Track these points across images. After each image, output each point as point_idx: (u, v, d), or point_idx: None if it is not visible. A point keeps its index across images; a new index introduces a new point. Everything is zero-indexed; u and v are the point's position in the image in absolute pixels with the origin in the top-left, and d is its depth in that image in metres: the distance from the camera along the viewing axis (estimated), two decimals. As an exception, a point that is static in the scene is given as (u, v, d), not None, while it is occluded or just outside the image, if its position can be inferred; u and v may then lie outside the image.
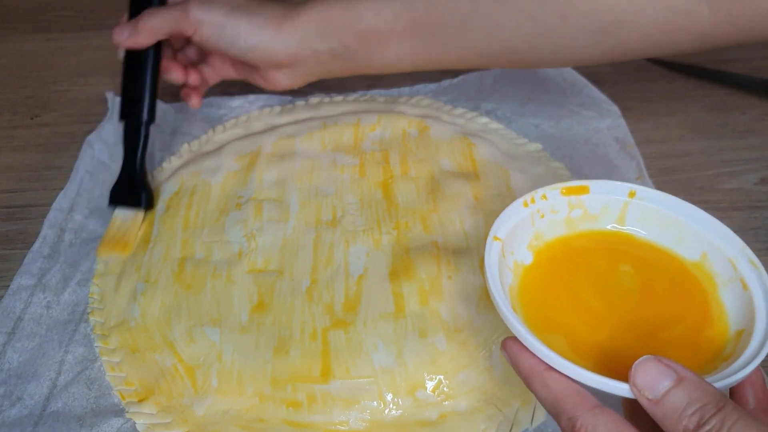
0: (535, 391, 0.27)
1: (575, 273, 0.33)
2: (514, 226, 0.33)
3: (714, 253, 0.32)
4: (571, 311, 0.31)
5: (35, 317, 0.42)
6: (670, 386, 0.24)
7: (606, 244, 0.34)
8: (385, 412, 0.37)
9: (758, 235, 0.47)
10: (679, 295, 0.31)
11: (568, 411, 0.26)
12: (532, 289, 0.32)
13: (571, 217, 0.34)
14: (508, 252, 0.32)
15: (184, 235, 0.46)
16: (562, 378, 0.26)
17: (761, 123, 0.57)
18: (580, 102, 0.58)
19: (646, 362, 0.25)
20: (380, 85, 0.62)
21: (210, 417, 0.37)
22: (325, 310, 0.40)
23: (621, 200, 0.34)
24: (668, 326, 0.30)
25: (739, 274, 0.31)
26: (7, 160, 0.55)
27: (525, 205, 0.34)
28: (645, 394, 0.24)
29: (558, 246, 0.34)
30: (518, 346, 0.28)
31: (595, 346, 0.29)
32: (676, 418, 0.23)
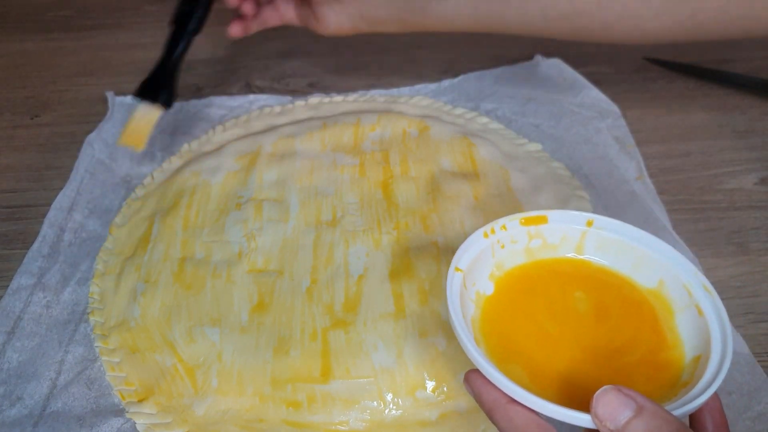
0: (497, 424, 0.27)
1: (534, 301, 0.33)
2: (475, 257, 0.33)
3: (670, 280, 0.32)
4: (530, 340, 0.31)
5: (35, 317, 0.42)
6: (630, 416, 0.24)
7: (564, 273, 0.34)
8: (385, 412, 0.37)
9: (758, 235, 0.47)
10: (635, 321, 0.32)
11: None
12: (494, 319, 0.32)
13: (530, 246, 0.35)
14: (469, 283, 0.32)
15: (184, 235, 0.46)
16: (524, 411, 0.27)
17: (761, 123, 0.57)
18: (580, 102, 0.58)
19: (607, 393, 0.25)
20: (380, 85, 0.62)
21: (210, 417, 0.37)
22: (325, 310, 0.40)
23: (579, 229, 0.35)
24: (626, 351, 0.31)
25: (694, 300, 0.31)
26: (7, 160, 0.55)
27: (485, 236, 0.34)
28: (607, 425, 0.24)
29: (518, 275, 0.34)
30: (481, 380, 0.28)
31: (554, 374, 0.29)
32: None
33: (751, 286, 0.44)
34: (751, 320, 0.42)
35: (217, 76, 0.65)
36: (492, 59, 0.65)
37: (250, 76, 0.65)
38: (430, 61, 0.66)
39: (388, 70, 0.65)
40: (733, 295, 0.43)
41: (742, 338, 0.40)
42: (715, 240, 0.47)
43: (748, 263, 0.45)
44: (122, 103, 0.59)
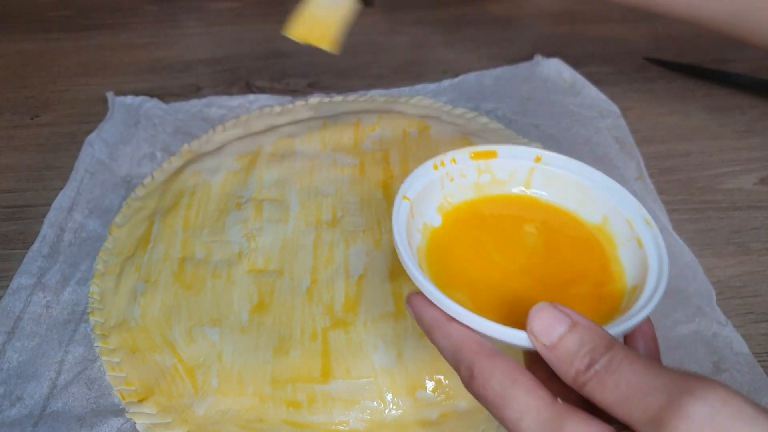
0: (436, 342, 0.28)
1: (481, 234, 0.33)
2: (423, 187, 0.33)
3: (614, 215, 0.33)
4: (476, 269, 0.32)
5: (35, 317, 0.42)
6: (564, 331, 0.24)
7: (512, 207, 0.35)
8: (385, 412, 0.37)
9: (758, 235, 0.47)
10: (581, 255, 0.32)
11: (465, 359, 0.26)
12: (439, 249, 0.32)
13: (479, 181, 0.35)
14: (417, 213, 0.33)
15: (184, 235, 0.46)
16: (462, 328, 0.27)
17: (761, 123, 0.57)
18: (580, 102, 0.58)
19: (542, 309, 0.25)
20: (380, 85, 0.62)
21: (210, 417, 0.37)
22: (325, 310, 0.40)
23: (527, 165, 0.35)
24: (571, 282, 0.31)
25: (636, 233, 0.32)
26: (7, 160, 0.55)
27: (435, 168, 0.34)
28: (541, 340, 0.25)
29: (466, 209, 0.35)
30: (422, 299, 0.28)
31: (498, 301, 0.30)
32: (569, 360, 0.24)
33: (751, 286, 0.44)
34: (751, 320, 0.42)
35: (217, 76, 0.65)
36: (492, 59, 0.65)
37: (250, 76, 0.65)
38: (430, 61, 0.66)
39: (388, 70, 0.65)
40: (733, 295, 0.43)
41: (742, 338, 0.40)
42: (715, 240, 0.47)
43: (748, 263, 0.45)
44: (122, 103, 0.59)
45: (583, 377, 0.23)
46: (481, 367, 0.25)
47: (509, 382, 0.24)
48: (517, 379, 0.24)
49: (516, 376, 0.25)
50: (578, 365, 0.24)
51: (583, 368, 0.24)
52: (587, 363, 0.23)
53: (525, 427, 0.24)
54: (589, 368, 0.23)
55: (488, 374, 0.25)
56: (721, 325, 0.40)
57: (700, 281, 0.43)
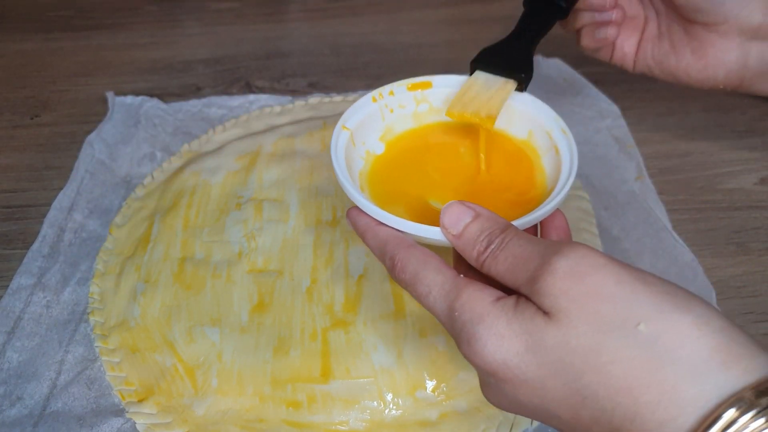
0: (368, 243, 0.32)
1: (421, 157, 0.37)
2: (363, 118, 0.36)
3: (537, 130, 0.37)
4: (414, 187, 0.35)
5: (35, 317, 0.42)
6: (468, 221, 0.28)
7: (449, 131, 0.38)
8: (385, 412, 0.37)
9: (758, 235, 0.47)
10: (510, 167, 0.36)
11: (389, 251, 0.30)
12: (381, 173, 0.36)
13: (418, 111, 0.38)
14: (359, 142, 0.36)
15: (184, 235, 0.46)
16: (389, 230, 0.31)
17: (761, 123, 0.57)
18: (580, 102, 0.58)
19: (452, 205, 0.29)
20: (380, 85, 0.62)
21: (210, 417, 0.37)
22: (325, 310, 0.40)
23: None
24: (499, 191, 0.35)
25: (554, 142, 0.35)
26: (7, 160, 0.55)
27: (374, 100, 0.37)
28: (450, 231, 0.29)
29: (407, 137, 0.38)
30: (357, 210, 0.32)
31: (429, 211, 0.33)
32: (472, 244, 0.28)
33: (751, 286, 0.44)
34: (751, 320, 0.42)
35: (217, 76, 0.65)
36: (492, 59, 0.64)
37: (250, 76, 0.65)
38: (430, 61, 0.66)
39: (388, 70, 0.65)
40: (733, 295, 0.43)
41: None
42: (715, 240, 0.47)
43: (748, 263, 0.45)
44: (122, 103, 0.59)
45: (482, 257, 0.27)
46: (400, 256, 0.29)
47: (421, 264, 0.29)
48: (428, 262, 0.29)
49: (427, 260, 0.29)
50: (479, 247, 0.28)
51: (482, 249, 0.27)
52: (485, 244, 0.27)
53: (432, 299, 0.28)
54: (486, 248, 0.27)
55: (405, 260, 0.29)
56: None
57: (700, 281, 0.43)
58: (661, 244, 0.45)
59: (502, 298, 0.26)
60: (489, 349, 0.25)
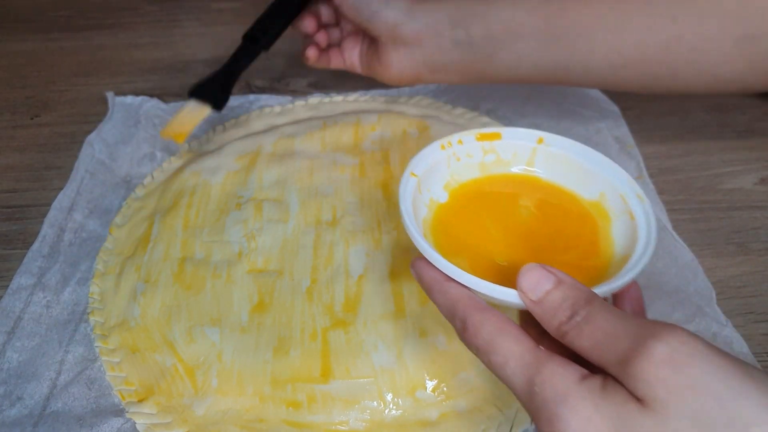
0: (434, 300, 0.30)
1: (483, 208, 0.36)
2: (430, 166, 0.36)
3: (610, 192, 0.35)
4: (475, 239, 0.34)
5: (35, 317, 0.42)
6: (550, 288, 0.27)
7: (514, 185, 0.37)
8: (385, 412, 0.37)
9: (758, 235, 0.47)
10: (574, 229, 0.35)
11: (460, 313, 0.28)
12: (444, 222, 0.35)
13: (484, 161, 0.37)
14: (424, 189, 0.35)
15: (184, 235, 0.46)
16: (458, 287, 0.29)
17: (761, 123, 0.57)
18: (580, 102, 0.58)
19: (531, 269, 0.28)
20: (380, 85, 0.62)
21: (210, 417, 0.37)
22: (325, 310, 0.40)
23: (530, 146, 0.37)
24: (558, 252, 0.33)
25: (628, 207, 0.34)
26: (7, 160, 0.55)
27: (442, 148, 0.36)
28: (529, 296, 0.27)
29: (471, 187, 0.37)
30: (423, 262, 0.30)
31: (493, 267, 0.32)
32: (553, 313, 0.26)
33: (751, 286, 0.44)
34: (751, 320, 0.42)
35: (217, 76, 0.65)
36: (492, 59, 0.64)
37: (250, 76, 0.65)
38: (430, 61, 0.66)
39: (388, 70, 0.65)
40: (733, 295, 0.43)
41: (742, 338, 0.40)
42: (715, 240, 0.47)
43: (748, 263, 0.45)
44: (122, 103, 0.59)
45: (564, 327, 0.26)
46: (473, 319, 0.28)
47: (497, 332, 0.27)
48: (504, 329, 0.27)
49: (503, 326, 0.27)
50: (560, 316, 0.26)
51: (564, 319, 0.26)
52: (568, 315, 0.26)
53: (510, 371, 0.26)
54: (570, 319, 0.26)
55: (479, 324, 0.27)
56: (721, 325, 0.40)
57: (700, 281, 0.43)
58: (661, 243, 0.45)
59: (588, 377, 0.25)
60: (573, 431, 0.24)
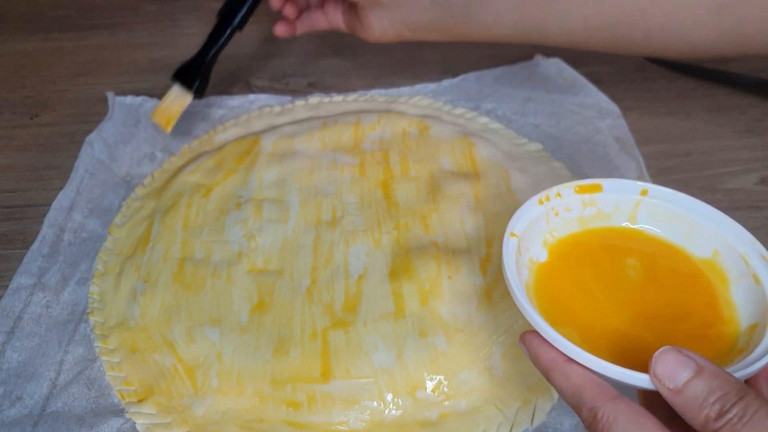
0: (555, 383, 0.28)
1: (586, 269, 0.33)
2: (529, 223, 0.33)
3: (725, 250, 0.32)
4: (583, 306, 0.31)
5: (35, 317, 0.42)
6: (690, 376, 0.24)
7: (617, 241, 0.34)
8: (385, 412, 0.37)
9: (758, 235, 0.47)
10: (687, 291, 0.32)
11: (588, 401, 0.26)
12: (546, 285, 0.32)
13: (584, 215, 0.35)
14: (524, 249, 0.32)
15: (184, 235, 0.46)
16: (582, 370, 0.27)
17: (761, 123, 0.57)
18: (580, 102, 0.58)
19: (667, 353, 0.25)
20: (380, 85, 0.62)
21: (210, 417, 0.37)
22: (325, 310, 0.40)
23: (633, 198, 0.35)
24: (677, 320, 0.30)
25: (752, 269, 0.31)
26: (7, 160, 0.55)
27: (540, 203, 0.34)
28: (666, 384, 0.25)
29: (571, 243, 0.34)
30: (538, 339, 0.28)
31: (606, 338, 0.30)
32: (698, 406, 0.24)
33: (751, 286, 0.44)
34: (751, 320, 0.42)
35: (217, 76, 0.64)
36: (492, 59, 0.64)
37: (250, 76, 0.65)
38: (430, 61, 0.66)
39: (388, 70, 0.65)
40: (733, 295, 0.43)
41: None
42: (715, 240, 0.47)
43: (748, 263, 0.45)
44: (122, 103, 0.59)
45: (714, 425, 0.23)
46: (605, 411, 0.25)
47: (634, 427, 0.24)
48: (643, 423, 0.24)
49: (641, 420, 0.24)
50: (708, 412, 0.23)
51: (713, 416, 0.23)
52: (717, 411, 0.23)
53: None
54: (720, 416, 0.23)
55: (612, 417, 0.25)
56: (721, 325, 0.40)
57: (700, 281, 0.43)
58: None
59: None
60: None
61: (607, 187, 0.35)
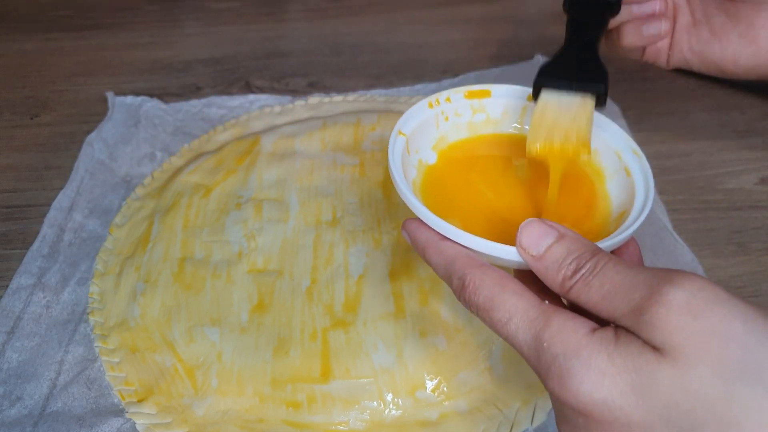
0: (429, 260, 0.29)
1: (474, 170, 0.35)
2: (418, 124, 0.34)
3: (603, 148, 0.34)
4: (468, 201, 0.33)
5: (35, 317, 0.42)
6: (551, 242, 0.26)
7: (504, 146, 0.36)
8: (385, 412, 0.37)
9: (758, 235, 0.47)
10: (567, 189, 0.33)
11: (458, 271, 0.27)
12: (433, 184, 0.33)
13: (473, 121, 0.36)
14: (412, 149, 0.34)
15: (184, 235, 0.46)
16: (455, 246, 0.28)
17: (761, 123, 0.57)
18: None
19: (531, 223, 0.26)
20: (380, 85, 0.62)
21: (210, 417, 0.37)
22: (325, 310, 0.40)
23: (520, 104, 0.36)
24: (558, 212, 0.32)
25: (624, 163, 0.33)
26: (7, 160, 0.55)
27: (430, 106, 0.35)
28: (530, 252, 0.26)
29: (460, 148, 0.36)
30: (417, 222, 0.29)
31: (487, 228, 0.31)
32: (557, 268, 0.25)
33: (751, 286, 0.44)
34: (751, 320, 0.42)
35: (217, 76, 0.65)
36: (492, 59, 0.65)
37: (250, 76, 0.65)
38: (430, 61, 0.66)
39: (388, 70, 0.65)
40: (733, 295, 0.43)
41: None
42: (715, 240, 0.47)
43: (749, 263, 0.45)
44: (122, 103, 0.59)
45: (569, 282, 0.25)
46: (472, 276, 0.26)
47: (498, 288, 0.26)
48: (506, 285, 0.26)
49: (505, 282, 0.26)
50: (565, 272, 0.25)
51: (569, 274, 0.25)
52: (573, 269, 0.25)
53: (514, 327, 0.25)
54: (575, 273, 0.25)
55: (479, 282, 0.26)
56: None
57: (700, 281, 0.43)
58: (661, 243, 0.45)
59: (599, 329, 0.23)
60: (586, 386, 0.22)
61: (495, 92, 0.36)
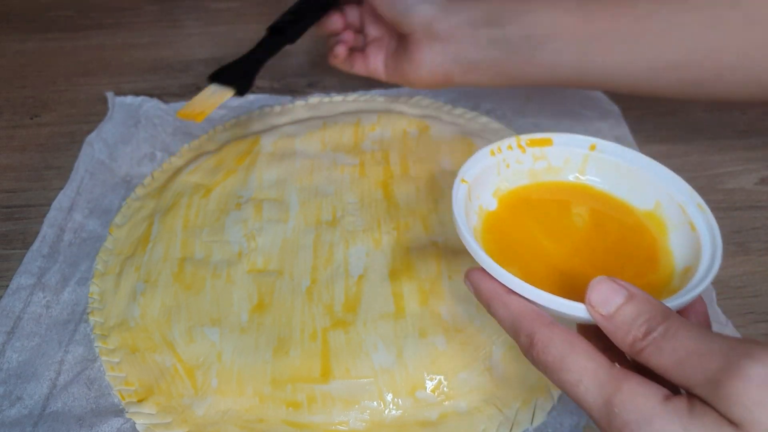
0: (495, 313, 0.29)
1: (534, 218, 0.35)
2: (480, 172, 0.35)
3: (666, 201, 0.34)
4: (527, 251, 0.33)
5: (35, 317, 0.42)
6: (621, 302, 0.26)
7: (565, 194, 0.36)
8: (385, 412, 0.37)
9: (758, 235, 0.47)
10: (629, 240, 0.34)
11: (525, 328, 0.27)
12: (494, 231, 0.34)
13: (534, 168, 0.36)
14: (474, 196, 0.34)
15: (184, 235, 0.46)
16: (521, 300, 0.28)
17: (761, 123, 0.57)
18: (580, 102, 0.58)
19: (601, 282, 0.26)
20: (380, 85, 0.62)
21: (210, 417, 0.37)
22: (325, 310, 0.40)
23: (582, 153, 0.36)
24: (617, 265, 0.32)
25: (688, 217, 0.33)
26: (7, 160, 0.55)
27: (492, 154, 0.35)
28: (599, 311, 0.26)
29: (521, 195, 0.36)
30: (480, 273, 0.29)
31: (548, 279, 0.31)
32: (627, 329, 0.25)
33: (751, 286, 0.44)
34: (751, 320, 0.42)
35: (217, 76, 0.65)
36: (492, 59, 0.64)
37: (250, 76, 0.65)
38: (430, 61, 0.66)
39: (388, 70, 0.65)
40: (733, 295, 0.43)
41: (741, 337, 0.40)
42: (715, 240, 0.47)
43: (748, 263, 0.45)
44: (122, 103, 0.59)
45: (640, 344, 0.25)
46: (541, 335, 0.26)
47: (568, 348, 0.26)
48: (576, 345, 0.26)
49: (574, 342, 0.26)
50: (635, 333, 0.25)
51: (640, 335, 0.25)
52: (644, 331, 0.25)
53: (583, 389, 0.25)
54: (646, 336, 0.24)
55: (547, 341, 0.26)
56: (721, 325, 0.40)
57: (700, 281, 0.43)
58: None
59: (672, 398, 0.23)
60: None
61: (557, 141, 0.36)
